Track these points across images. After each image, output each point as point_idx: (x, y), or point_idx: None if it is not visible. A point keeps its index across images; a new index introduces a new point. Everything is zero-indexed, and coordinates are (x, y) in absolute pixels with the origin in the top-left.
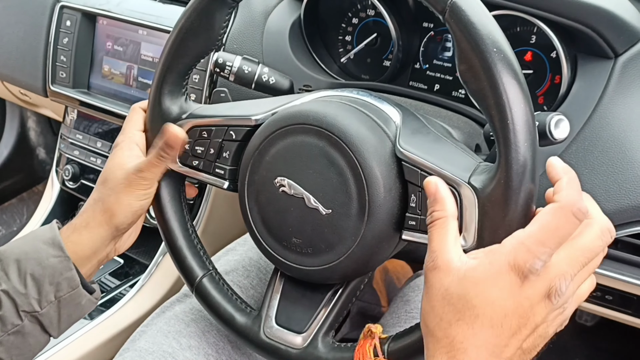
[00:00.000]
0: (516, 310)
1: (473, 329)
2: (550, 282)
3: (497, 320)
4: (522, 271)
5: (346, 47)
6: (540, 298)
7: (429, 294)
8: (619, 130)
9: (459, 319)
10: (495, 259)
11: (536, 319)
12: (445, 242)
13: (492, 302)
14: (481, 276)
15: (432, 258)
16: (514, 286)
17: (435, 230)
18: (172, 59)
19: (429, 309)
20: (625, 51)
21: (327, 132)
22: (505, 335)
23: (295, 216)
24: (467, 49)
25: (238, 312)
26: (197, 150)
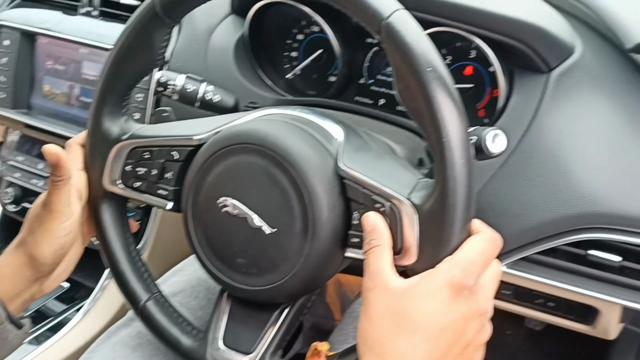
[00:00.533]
0: (452, 324)
1: (412, 342)
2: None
3: (434, 334)
4: (457, 287)
5: (292, 63)
6: (473, 316)
7: (367, 312)
8: (554, 142)
9: (398, 333)
10: (432, 277)
11: (468, 337)
12: (384, 265)
13: (430, 316)
14: (420, 292)
15: (371, 279)
16: (450, 301)
17: (373, 255)
18: (111, 80)
19: (367, 326)
20: (558, 65)
21: (270, 151)
22: (440, 350)
23: (240, 236)
24: (402, 69)
25: (184, 334)
26: (139, 171)
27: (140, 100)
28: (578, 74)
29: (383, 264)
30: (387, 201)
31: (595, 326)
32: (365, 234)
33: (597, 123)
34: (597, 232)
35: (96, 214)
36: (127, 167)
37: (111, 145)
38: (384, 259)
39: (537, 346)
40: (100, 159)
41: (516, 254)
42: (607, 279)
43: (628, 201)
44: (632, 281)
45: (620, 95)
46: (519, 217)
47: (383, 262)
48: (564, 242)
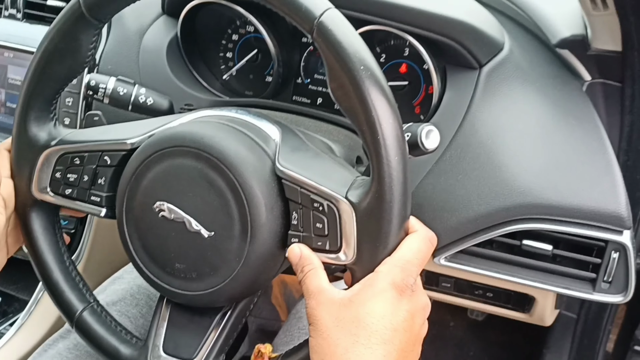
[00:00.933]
0: (402, 323)
1: (370, 347)
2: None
3: (388, 336)
4: (399, 287)
5: (228, 63)
6: (417, 310)
7: (318, 329)
8: (486, 136)
9: (354, 341)
10: (375, 281)
11: (415, 332)
12: (321, 284)
13: (381, 318)
14: (367, 297)
15: (314, 298)
16: (396, 301)
17: (309, 279)
18: (36, 84)
19: (321, 342)
20: (489, 61)
21: (205, 153)
22: (396, 350)
23: (177, 241)
24: (335, 68)
25: (123, 344)
26: (70, 178)
27: (70, 105)
28: (507, 69)
29: (322, 283)
30: (325, 200)
31: (532, 313)
32: (294, 265)
33: (527, 116)
34: (530, 222)
35: (25, 224)
36: (56, 174)
37: (39, 152)
38: (320, 279)
39: (479, 336)
40: (28, 166)
41: (454, 247)
42: (540, 267)
43: (558, 191)
44: (563, 268)
45: (548, 89)
46: (455, 211)
47: (320, 281)
48: (500, 233)
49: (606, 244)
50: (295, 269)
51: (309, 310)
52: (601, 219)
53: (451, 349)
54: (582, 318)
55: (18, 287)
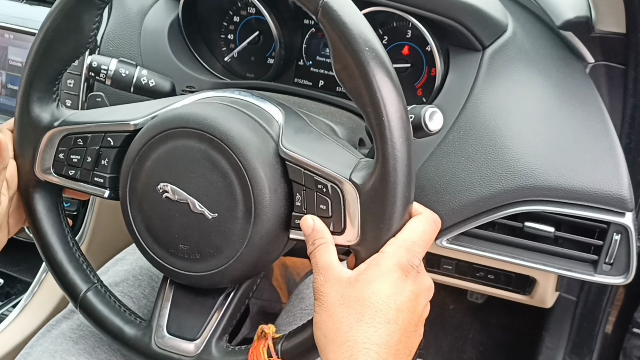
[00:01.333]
0: (406, 304)
1: (374, 326)
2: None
3: (392, 315)
4: (405, 268)
5: (229, 45)
6: (421, 291)
7: (324, 305)
8: (489, 118)
9: (359, 319)
10: (381, 262)
11: (418, 313)
12: (331, 261)
13: (387, 298)
14: (373, 277)
15: (322, 274)
16: (401, 282)
17: (319, 253)
18: (39, 64)
19: (325, 319)
20: (492, 43)
21: (209, 135)
22: (399, 330)
23: (181, 222)
24: (340, 49)
25: (127, 324)
26: (73, 159)
27: (71, 86)
28: (511, 51)
29: (332, 259)
30: (328, 182)
31: (532, 295)
32: (306, 237)
33: (530, 99)
34: (533, 204)
35: (28, 204)
36: (59, 155)
37: (42, 133)
38: (331, 255)
39: (479, 318)
40: (31, 147)
41: (456, 229)
42: (542, 249)
43: (560, 173)
44: (565, 250)
45: (551, 71)
46: (458, 193)
47: (331, 257)
48: (502, 215)
49: (608, 226)
50: (306, 241)
51: (316, 286)
52: (603, 201)
53: (450, 332)
54: (581, 300)
55: (21, 268)
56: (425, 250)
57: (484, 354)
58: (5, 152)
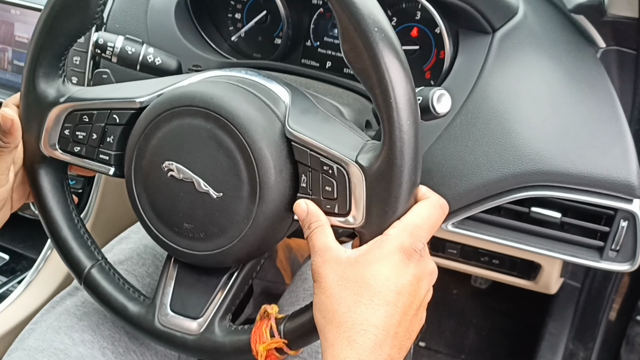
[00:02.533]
0: (406, 287)
1: (372, 308)
2: (428, 263)
3: (391, 298)
4: (407, 251)
5: (236, 25)
6: (423, 277)
7: (322, 287)
8: (498, 102)
9: (357, 301)
10: (383, 244)
11: (420, 297)
12: (328, 242)
13: (386, 280)
14: (373, 258)
15: (320, 255)
16: (403, 264)
17: (316, 236)
18: (45, 39)
19: (324, 300)
20: (502, 26)
21: (215, 113)
22: (399, 313)
23: (186, 201)
24: (349, 29)
25: (131, 301)
26: (79, 135)
27: (77, 63)
28: (521, 35)
29: (328, 240)
30: (334, 163)
31: (537, 281)
32: (301, 221)
33: (540, 83)
34: (540, 189)
35: (34, 180)
36: (65, 132)
37: (48, 109)
38: (327, 236)
39: (482, 304)
40: (37, 122)
41: (462, 213)
42: (548, 234)
43: (568, 159)
44: (571, 236)
45: (562, 55)
46: (464, 177)
47: (327, 238)
48: (508, 200)
49: (615, 212)
50: (302, 225)
51: (314, 268)
52: (611, 187)
53: (454, 317)
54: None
55: (26, 245)
56: (430, 234)
57: (486, 339)
58: (18, 131)
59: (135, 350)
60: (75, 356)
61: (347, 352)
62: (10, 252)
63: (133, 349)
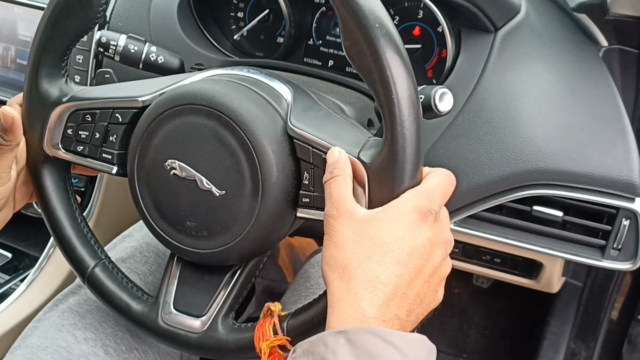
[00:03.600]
0: (420, 248)
1: (383, 265)
2: (444, 229)
3: (403, 257)
4: (423, 212)
5: (238, 24)
6: (438, 242)
7: (334, 240)
8: (500, 100)
9: (368, 257)
10: (398, 204)
11: (434, 263)
12: (346, 194)
13: (400, 239)
14: (388, 217)
15: (336, 207)
16: (418, 225)
17: (335, 184)
18: (47, 39)
19: (335, 253)
20: (504, 25)
21: (217, 111)
22: (409, 274)
23: (188, 199)
24: (350, 25)
25: (134, 300)
26: (81, 135)
27: (80, 62)
28: (523, 33)
29: (346, 193)
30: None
31: (539, 280)
32: (327, 166)
33: (542, 81)
34: (542, 188)
35: (37, 180)
36: (68, 131)
37: (50, 108)
38: (346, 188)
39: (484, 303)
40: (39, 122)
41: (464, 211)
42: (550, 233)
43: (570, 157)
44: (573, 235)
45: (564, 54)
46: (466, 176)
47: (346, 191)
48: (510, 198)
49: (617, 211)
50: (326, 170)
51: (327, 218)
52: (613, 186)
53: (455, 316)
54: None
55: (29, 243)
56: (444, 200)
57: (488, 339)
58: (19, 129)
59: (137, 349)
60: (78, 354)
61: (353, 307)
62: (13, 250)
63: (135, 347)
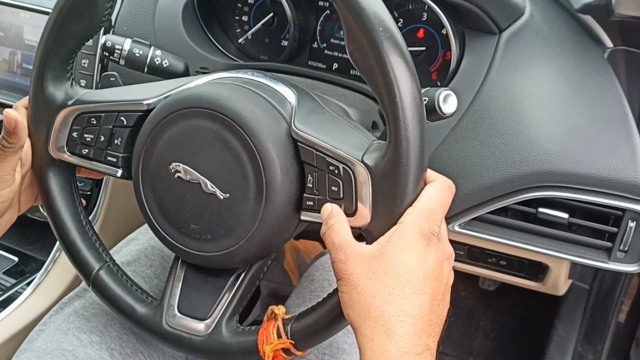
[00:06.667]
0: (431, 272)
1: (406, 298)
2: (445, 246)
3: (421, 285)
4: (427, 236)
5: (243, 27)
6: (443, 260)
7: (351, 283)
8: (505, 102)
9: (390, 292)
10: (403, 232)
11: (444, 281)
12: (347, 238)
13: (413, 268)
14: (397, 248)
15: (342, 252)
16: (425, 250)
17: (333, 232)
18: (53, 42)
19: (356, 296)
20: (509, 26)
21: (221, 115)
22: (429, 300)
23: (193, 202)
24: (354, 29)
25: (138, 303)
26: (87, 138)
27: (86, 66)
28: (528, 35)
29: (347, 237)
30: (340, 163)
31: (545, 282)
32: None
33: (546, 83)
34: (547, 190)
35: (42, 183)
36: (73, 134)
37: (56, 111)
38: (346, 233)
39: (490, 305)
40: (45, 125)
41: (469, 214)
42: (556, 235)
43: (576, 159)
44: (579, 237)
45: (569, 55)
46: (471, 178)
47: (346, 235)
48: (515, 200)
49: (623, 213)
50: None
51: (337, 265)
52: (619, 188)
53: (462, 319)
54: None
55: (35, 247)
56: (443, 216)
57: (495, 341)
58: (22, 132)
59: (142, 352)
60: (83, 357)
61: (387, 345)
62: (19, 253)
63: (141, 350)
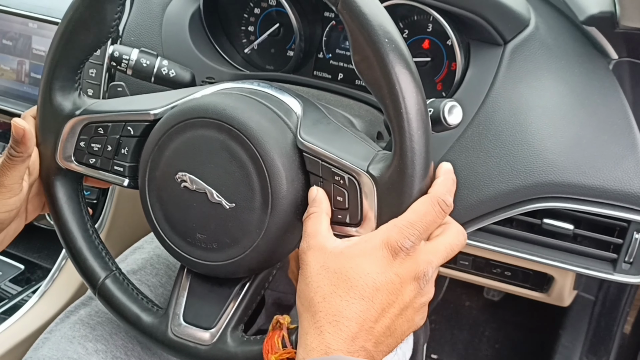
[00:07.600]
0: (387, 285)
1: (347, 300)
2: (418, 265)
3: (369, 293)
4: (393, 248)
5: (249, 37)
6: (409, 278)
7: (304, 273)
8: (510, 113)
9: (333, 291)
10: (370, 238)
11: (405, 298)
12: (319, 229)
13: (365, 275)
14: (357, 252)
15: (307, 241)
16: (386, 261)
17: (310, 221)
18: (61, 53)
19: (304, 286)
20: (514, 38)
21: (227, 125)
22: (375, 309)
23: (199, 211)
24: (360, 40)
25: (144, 312)
26: (94, 147)
27: (93, 76)
28: (533, 46)
29: (320, 227)
30: (346, 173)
31: (550, 293)
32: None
33: (551, 94)
34: (552, 201)
35: (49, 192)
36: (81, 143)
37: (64, 121)
38: (320, 223)
39: (495, 316)
40: (53, 135)
41: (474, 224)
42: (561, 246)
43: (580, 170)
44: (584, 248)
45: (574, 66)
46: (476, 188)
47: (320, 225)
48: (520, 211)
49: (628, 224)
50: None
51: (300, 254)
52: (624, 199)
53: (466, 329)
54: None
55: (41, 255)
56: (426, 233)
57: (499, 352)
58: (30, 141)
59: None
60: None
61: (317, 341)
62: (25, 261)
63: (146, 359)
